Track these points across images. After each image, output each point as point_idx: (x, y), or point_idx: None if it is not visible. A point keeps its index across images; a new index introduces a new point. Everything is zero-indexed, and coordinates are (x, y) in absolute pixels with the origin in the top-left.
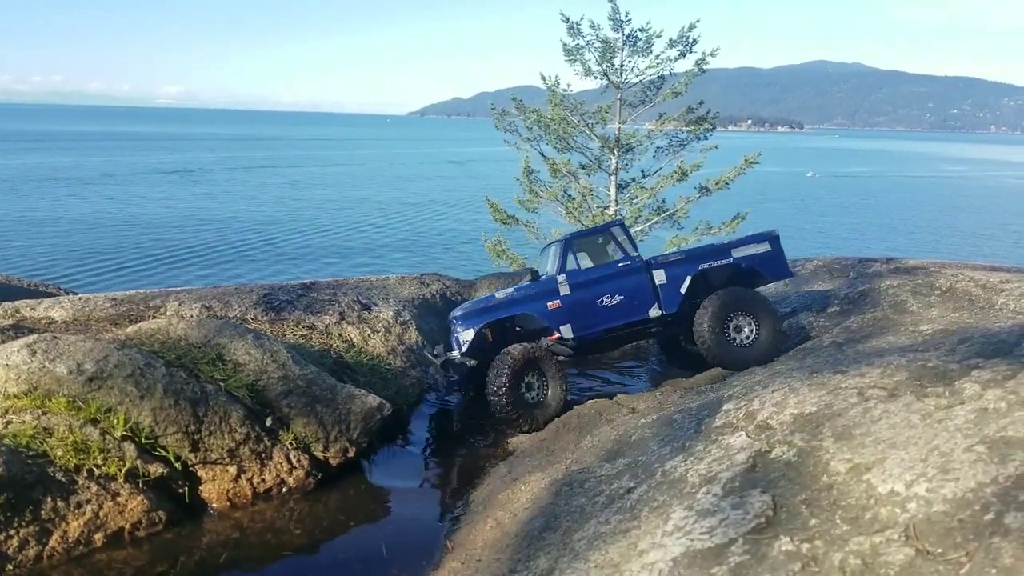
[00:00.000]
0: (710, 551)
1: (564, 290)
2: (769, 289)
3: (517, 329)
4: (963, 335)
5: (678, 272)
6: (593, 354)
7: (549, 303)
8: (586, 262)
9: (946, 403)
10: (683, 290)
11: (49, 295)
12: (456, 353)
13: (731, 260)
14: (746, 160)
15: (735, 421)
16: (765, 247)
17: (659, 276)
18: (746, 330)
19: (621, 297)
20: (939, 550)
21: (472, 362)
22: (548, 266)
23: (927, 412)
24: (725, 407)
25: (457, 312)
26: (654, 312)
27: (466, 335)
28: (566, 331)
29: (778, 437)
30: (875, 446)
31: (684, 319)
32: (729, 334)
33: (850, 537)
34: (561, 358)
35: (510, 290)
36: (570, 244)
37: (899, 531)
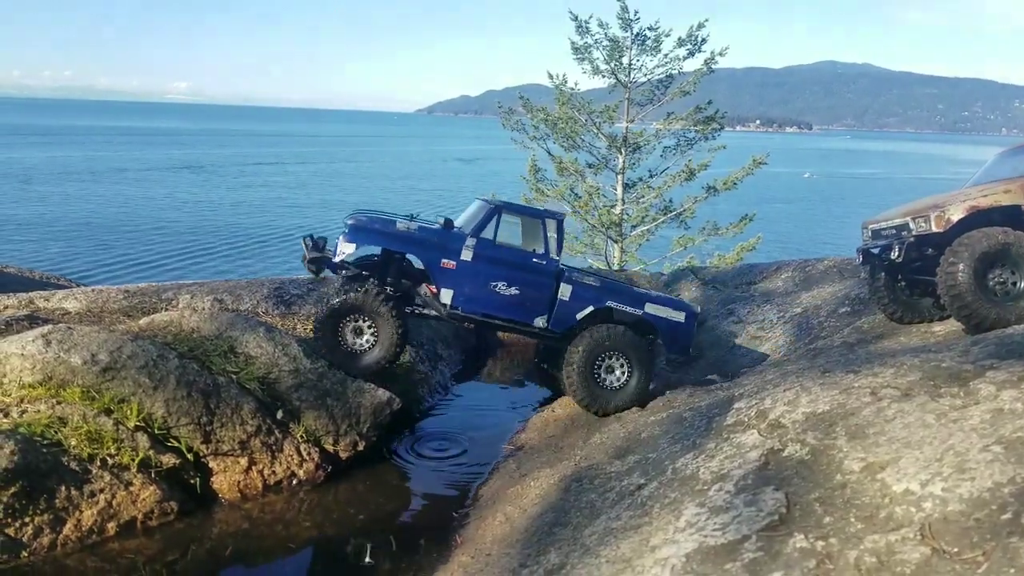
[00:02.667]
0: (724, 547)
1: (466, 255)
2: (779, 287)
3: (402, 262)
4: (976, 336)
5: (584, 296)
6: (466, 325)
7: (444, 260)
8: (504, 239)
9: (961, 403)
10: (579, 316)
11: (61, 287)
12: (332, 253)
13: (639, 312)
14: (754, 160)
15: (747, 419)
16: (680, 317)
17: (564, 291)
18: (617, 372)
19: (516, 291)
20: (955, 549)
21: (345, 271)
22: (463, 221)
23: (942, 412)
24: (736, 405)
25: (361, 218)
26: (540, 322)
27: (347, 247)
28: (445, 296)
29: (791, 435)
30: (889, 445)
31: (565, 343)
32: (599, 374)
33: (865, 535)
34: (432, 313)
35: (415, 226)
36: (498, 212)
37: (915, 530)
